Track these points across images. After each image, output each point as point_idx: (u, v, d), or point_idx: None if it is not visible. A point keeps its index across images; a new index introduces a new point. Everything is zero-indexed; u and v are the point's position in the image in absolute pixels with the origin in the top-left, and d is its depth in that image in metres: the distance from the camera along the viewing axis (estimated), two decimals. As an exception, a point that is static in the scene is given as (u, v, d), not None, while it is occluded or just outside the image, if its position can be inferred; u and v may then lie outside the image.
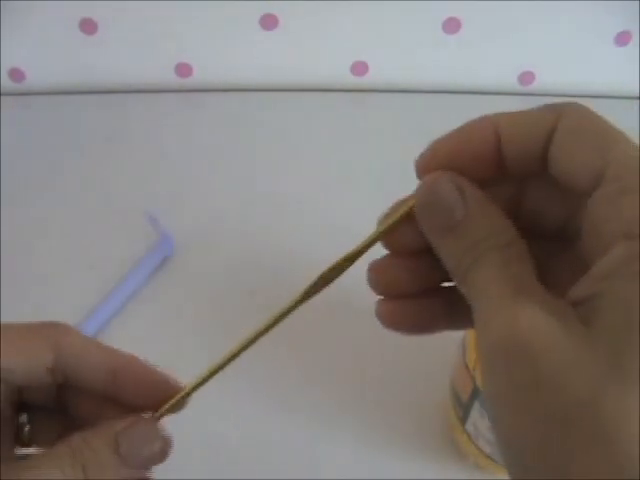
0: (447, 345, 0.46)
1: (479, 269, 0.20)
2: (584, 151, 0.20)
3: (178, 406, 0.26)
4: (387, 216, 0.23)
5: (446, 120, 0.24)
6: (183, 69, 0.67)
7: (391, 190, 0.24)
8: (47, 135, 0.64)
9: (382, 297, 0.23)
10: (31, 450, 0.26)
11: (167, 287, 0.53)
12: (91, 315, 0.49)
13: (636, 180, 0.18)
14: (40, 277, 0.53)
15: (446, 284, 0.24)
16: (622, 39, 0.65)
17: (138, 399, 0.26)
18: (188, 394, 0.25)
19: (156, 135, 0.64)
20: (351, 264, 0.23)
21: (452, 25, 0.64)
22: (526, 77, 0.68)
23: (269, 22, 0.64)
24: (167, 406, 0.25)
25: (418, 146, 0.22)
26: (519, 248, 0.20)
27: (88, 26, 0.63)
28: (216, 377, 0.25)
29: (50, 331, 0.25)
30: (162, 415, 0.25)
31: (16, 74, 0.67)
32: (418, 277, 0.23)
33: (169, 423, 0.25)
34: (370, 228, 0.23)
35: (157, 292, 0.52)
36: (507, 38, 0.65)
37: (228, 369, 0.25)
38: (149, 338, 0.50)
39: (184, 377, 0.25)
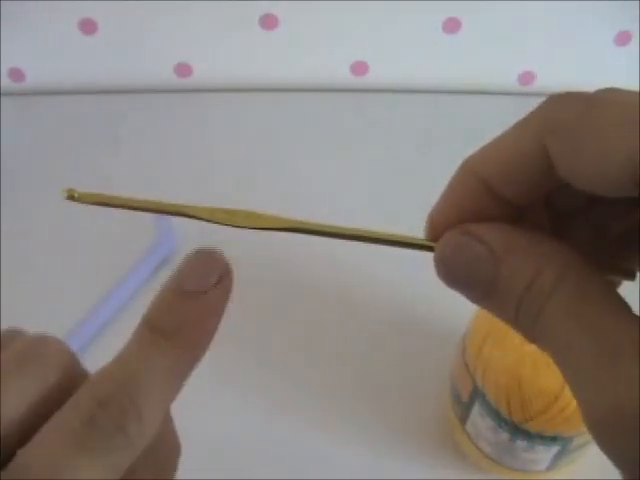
0: (447, 345, 0.46)
1: (547, 321, 0.17)
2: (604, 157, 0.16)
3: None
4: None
5: (446, 120, 0.24)
6: (183, 69, 0.67)
7: (391, 190, 0.24)
8: (47, 135, 0.64)
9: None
10: None
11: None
12: (91, 315, 0.49)
13: None
14: (40, 276, 0.53)
15: None
16: (622, 39, 0.65)
17: None
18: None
19: (156, 135, 0.64)
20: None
21: (452, 25, 0.64)
22: (526, 77, 0.68)
23: (269, 22, 0.64)
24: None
25: (418, 146, 0.22)
26: (579, 274, 0.17)
27: (88, 26, 0.63)
28: (216, 375, 0.25)
29: None
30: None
31: (16, 74, 0.67)
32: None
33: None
34: (369, 227, 0.23)
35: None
36: (507, 38, 0.65)
37: (228, 370, 0.25)
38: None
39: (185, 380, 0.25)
